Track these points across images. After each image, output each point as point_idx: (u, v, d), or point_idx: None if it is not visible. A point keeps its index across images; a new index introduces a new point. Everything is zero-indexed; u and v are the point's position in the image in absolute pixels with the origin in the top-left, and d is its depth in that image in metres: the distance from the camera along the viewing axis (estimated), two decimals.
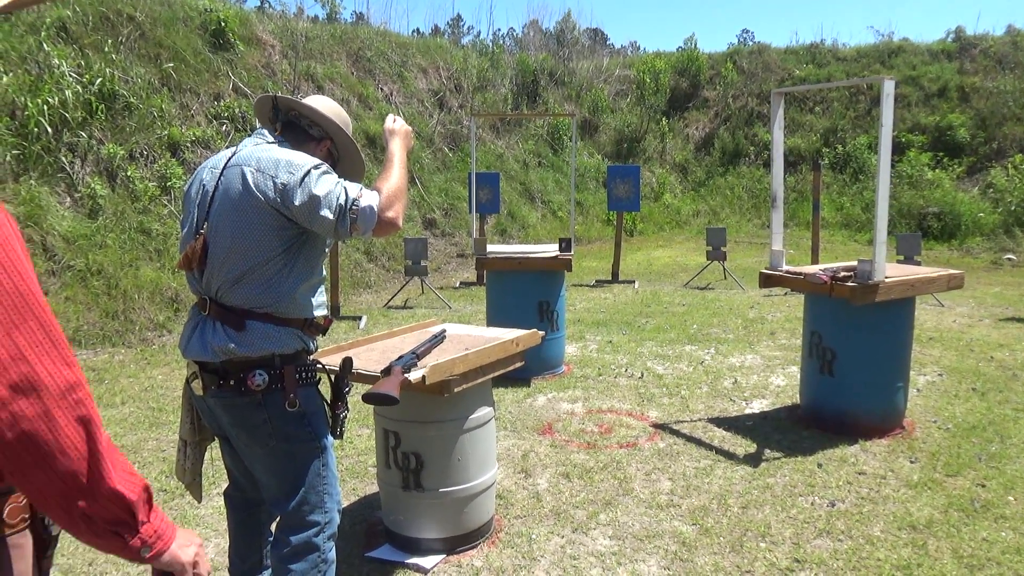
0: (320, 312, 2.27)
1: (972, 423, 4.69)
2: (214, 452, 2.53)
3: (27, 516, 1.17)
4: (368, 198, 2.12)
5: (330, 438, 2.31)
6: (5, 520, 1.14)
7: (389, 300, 9.28)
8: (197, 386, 2.19)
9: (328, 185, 2.10)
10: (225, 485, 3.63)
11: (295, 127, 2.33)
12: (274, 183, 2.08)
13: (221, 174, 2.18)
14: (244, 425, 2.20)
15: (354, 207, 2.09)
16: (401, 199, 2.20)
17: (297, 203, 2.07)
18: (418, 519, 3.19)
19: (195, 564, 1.24)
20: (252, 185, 2.09)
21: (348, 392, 2.37)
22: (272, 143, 2.25)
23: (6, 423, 0.97)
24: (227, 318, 2.13)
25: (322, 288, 2.32)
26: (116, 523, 1.10)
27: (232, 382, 2.12)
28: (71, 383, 1.02)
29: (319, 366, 2.32)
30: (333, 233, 2.12)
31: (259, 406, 2.15)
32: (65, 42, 8.85)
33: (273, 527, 2.46)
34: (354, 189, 2.13)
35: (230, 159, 2.20)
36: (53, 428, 1.00)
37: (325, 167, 2.16)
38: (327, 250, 2.35)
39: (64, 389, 1.01)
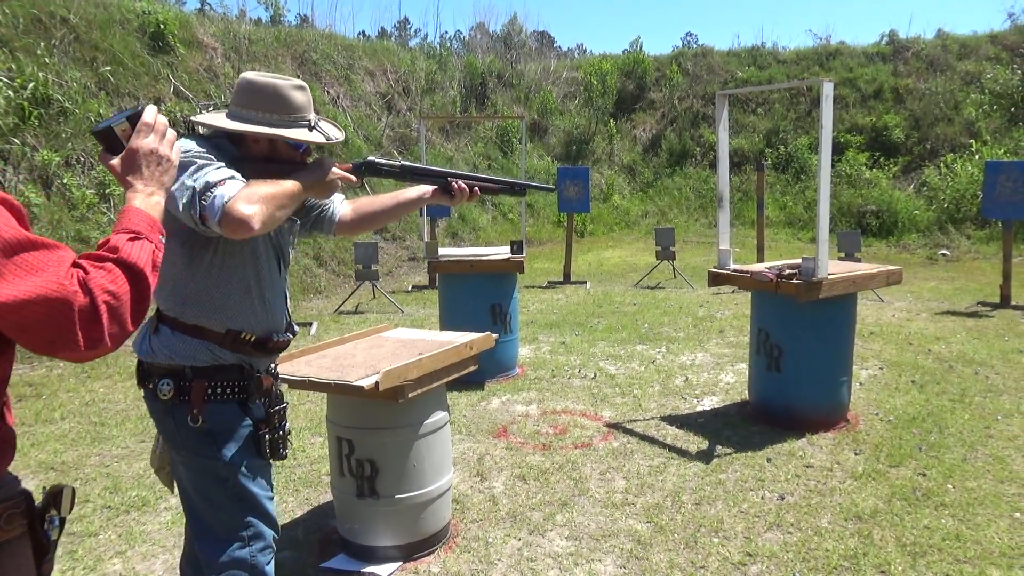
0: (252, 326, 2.12)
1: (912, 414, 4.85)
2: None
3: (24, 522, 1.23)
4: (227, 189, 1.87)
5: (244, 459, 2.10)
6: (2, 528, 1.19)
7: (340, 305, 9.17)
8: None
9: (193, 174, 1.89)
10: (174, 499, 3.54)
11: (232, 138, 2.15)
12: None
13: None
14: (161, 430, 2.16)
15: (207, 193, 1.85)
16: (268, 204, 1.90)
17: (171, 190, 1.83)
18: (373, 527, 3.16)
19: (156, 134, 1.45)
20: None
21: (276, 410, 2.17)
22: None
23: None
24: (152, 321, 2.12)
25: (265, 304, 2.17)
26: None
27: (150, 386, 2.08)
28: None
29: (240, 382, 2.12)
30: (191, 223, 1.90)
31: (168, 414, 2.07)
32: None
33: None
34: (219, 176, 1.89)
35: None
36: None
37: (203, 152, 1.95)
38: (267, 260, 2.17)
39: None
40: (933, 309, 8.35)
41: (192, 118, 2.23)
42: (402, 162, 2.37)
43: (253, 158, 2.12)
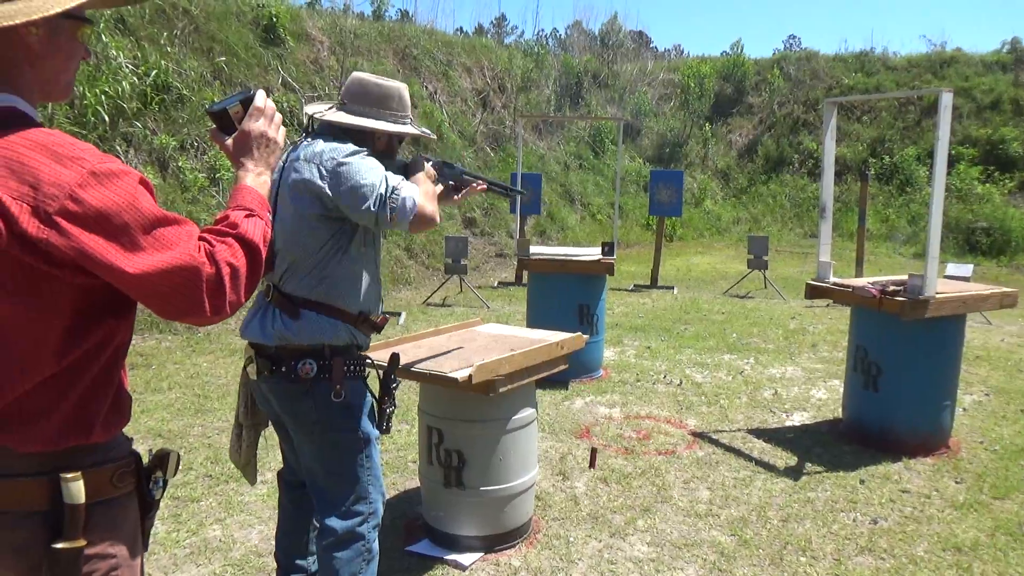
0: (375, 307, 2.34)
1: (1021, 445, 4.58)
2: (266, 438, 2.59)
3: (133, 481, 1.34)
4: (408, 190, 2.16)
5: (374, 431, 2.35)
6: (115, 484, 1.29)
7: (428, 297, 9.35)
8: (252, 370, 2.27)
9: (370, 175, 2.14)
10: (270, 473, 3.71)
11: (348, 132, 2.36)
12: (319, 171, 2.16)
13: (283, 168, 2.26)
14: (292, 411, 2.27)
15: (394, 196, 2.13)
16: (436, 202, 2.28)
17: (340, 190, 2.13)
18: (458, 516, 3.22)
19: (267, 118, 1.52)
20: (303, 176, 2.18)
21: (395, 388, 2.42)
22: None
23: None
24: (285, 306, 2.22)
25: (379, 287, 2.38)
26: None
27: (284, 368, 2.20)
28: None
29: (368, 361, 2.38)
30: (373, 222, 2.17)
31: (307, 394, 2.21)
32: (122, 34, 9.08)
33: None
34: (396, 179, 2.18)
35: (290, 154, 2.29)
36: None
37: (365, 153, 2.21)
38: (380, 244, 2.40)
39: None
40: None
41: (322, 116, 2.35)
42: (462, 168, 2.69)
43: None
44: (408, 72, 14.06)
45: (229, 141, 1.51)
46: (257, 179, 1.48)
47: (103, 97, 7.98)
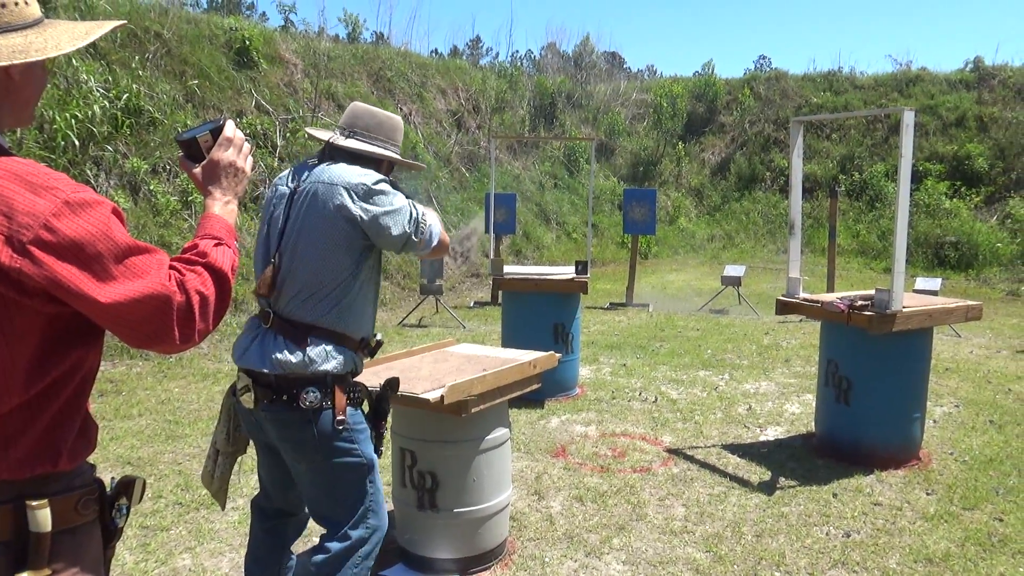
0: (372, 331, 2.36)
1: (989, 456, 4.65)
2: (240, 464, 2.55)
3: (96, 508, 1.32)
4: (432, 218, 2.28)
5: (375, 455, 2.35)
6: (79, 512, 1.28)
7: (404, 318, 9.32)
8: (248, 399, 2.20)
9: (399, 201, 2.22)
10: (241, 499, 3.67)
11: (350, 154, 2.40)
12: (350, 195, 2.18)
13: (292, 195, 2.26)
14: (292, 440, 2.24)
15: (423, 222, 2.23)
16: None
17: (374, 213, 2.17)
18: (432, 539, 3.20)
19: (236, 147, 1.53)
20: (322, 202, 2.18)
21: (388, 411, 2.45)
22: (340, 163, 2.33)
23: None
24: (290, 332, 2.18)
25: (376, 311, 2.40)
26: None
27: (284, 397, 2.16)
28: None
29: (363, 387, 2.37)
30: (400, 246, 2.23)
31: (308, 422, 2.18)
32: (93, 58, 9.02)
33: (297, 547, 2.51)
34: (420, 207, 2.27)
35: (301, 179, 2.29)
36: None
37: (389, 181, 2.27)
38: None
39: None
40: (1014, 347, 7.99)
41: (343, 144, 2.33)
42: None
43: None
44: (382, 94, 14.10)
45: (197, 169, 1.52)
46: (225, 208, 1.49)
47: (73, 121, 7.91)
